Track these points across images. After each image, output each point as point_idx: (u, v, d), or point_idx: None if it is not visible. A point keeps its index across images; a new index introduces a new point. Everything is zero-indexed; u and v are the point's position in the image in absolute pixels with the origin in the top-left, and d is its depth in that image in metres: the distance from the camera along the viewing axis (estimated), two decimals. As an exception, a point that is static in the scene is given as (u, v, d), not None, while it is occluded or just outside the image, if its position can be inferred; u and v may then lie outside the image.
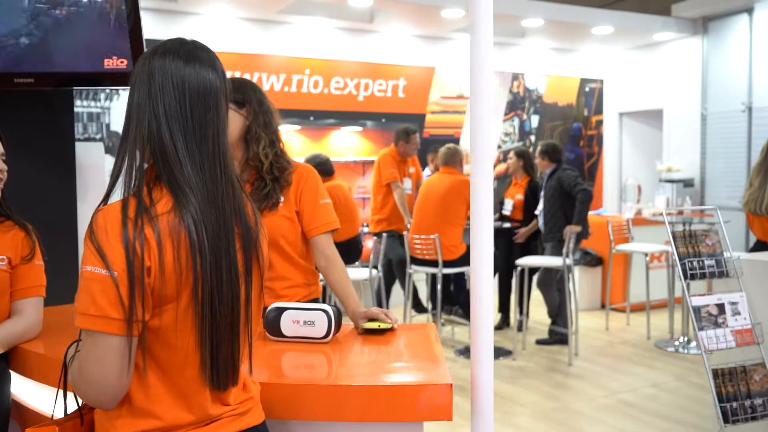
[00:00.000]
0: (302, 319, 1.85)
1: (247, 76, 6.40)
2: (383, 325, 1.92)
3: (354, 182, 6.94)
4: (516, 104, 8.00)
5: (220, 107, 1.34)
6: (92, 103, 5.86)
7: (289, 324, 1.85)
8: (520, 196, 5.94)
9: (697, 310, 3.02)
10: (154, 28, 6.03)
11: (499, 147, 7.85)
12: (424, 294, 6.02)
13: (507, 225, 5.71)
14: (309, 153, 5.34)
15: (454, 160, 5.11)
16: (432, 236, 4.83)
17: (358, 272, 4.79)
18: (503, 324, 5.91)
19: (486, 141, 1.63)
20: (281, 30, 6.60)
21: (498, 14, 6.37)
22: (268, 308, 1.86)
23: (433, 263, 4.89)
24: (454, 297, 5.71)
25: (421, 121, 7.32)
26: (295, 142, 6.77)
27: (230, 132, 1.66)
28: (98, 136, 5.89)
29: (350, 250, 5.13)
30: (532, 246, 5.96)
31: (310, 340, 1.83)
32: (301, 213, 2.26)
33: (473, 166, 1.65)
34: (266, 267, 1.37)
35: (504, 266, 5.77)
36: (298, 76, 6.71)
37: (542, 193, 5.55)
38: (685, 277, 3.10)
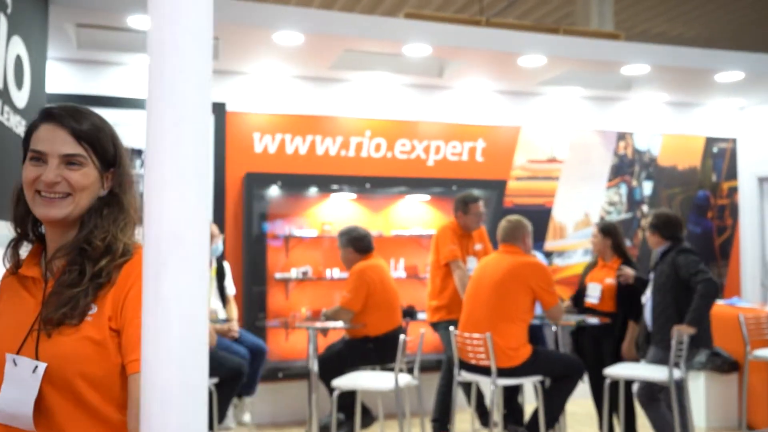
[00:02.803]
0: None
1: (299, 140, 5.71)
2: None
3: (421, 259, 5.93)
4: (623, 168, 6.72)
5: None
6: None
7: None
8: (610, 280, 4.66)
9: None
10: (194, 89, 5.50)
11: (601, 219, 6.56)
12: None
13: (594, 320, 4.42)
14: (346, 226, 4.45)
15: (516, 235, 4.01)
16: (483, 335, 3.71)
17: (384, 380, 3.74)
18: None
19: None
20: (337, 88, 5.89)
21: (594, 61, 5.28)
22: None
23: (487, 370, 3.75)
24: (519, 413, 4.49)
25: (502, 189, 6.24)
26: (352, 213, 5.91)
27: None
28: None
29: (387, 347, 4.12)
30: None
31: None
32: (122, 333, 1.35)
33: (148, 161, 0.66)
34: None
35: (595, 375, 4.46)
36: (357, 139, 5.93)
37: (651, 277, 4.26)
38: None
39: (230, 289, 4.71)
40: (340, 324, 4.00)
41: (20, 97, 3.45)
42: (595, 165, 6.63)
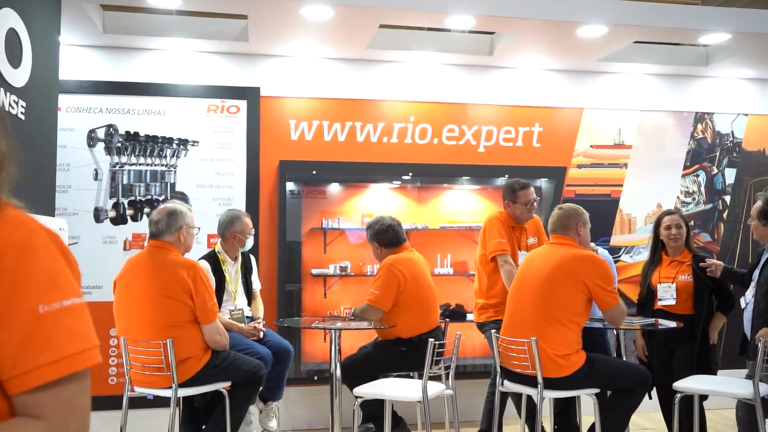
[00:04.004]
0: None
1: (338, 126, 5.33)
2: None
3: (470, 255, 5.41)
4: (702, 154, 6.00)
5: None
6: (156, 161, 5.12)
7: None
8: (685, 278, 4.04)
9: None
10: (226, 74, 5.21)
11: (676, 210, 5.86)
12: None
13: (669, 323, 3.81)
14: (375, 216, 4.00)
15: (568, 224, 3.47)
16: (528, 340, 3.20)
17: (412, 389, 3.28)
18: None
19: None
20: (378, 70, 5.46)
21: (665, 29, 4.57)
22: None
23: (533, 380, 3.23)
24: (572, 428, 3.93)
25: (562, 177, 5.66)
26: (394, 204, 5.48)
27: None
28: (161, 197, 5.11)
29: (421, 350, 3.65)
30: (711, 355, 4.00)
31: None
32: None
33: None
34: None
35: (666, 387, 3.84)
36: (400, 124, 5.48)
37: (756, 276, 3.61)
38: None
39: (256, 284, 4.37)
40: (364, 325, 3.57)
41: (15, 75, 3.19)
42: (668, 150, 5.94)
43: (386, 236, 3.84)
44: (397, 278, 3.67)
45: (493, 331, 3.46)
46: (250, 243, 4.14)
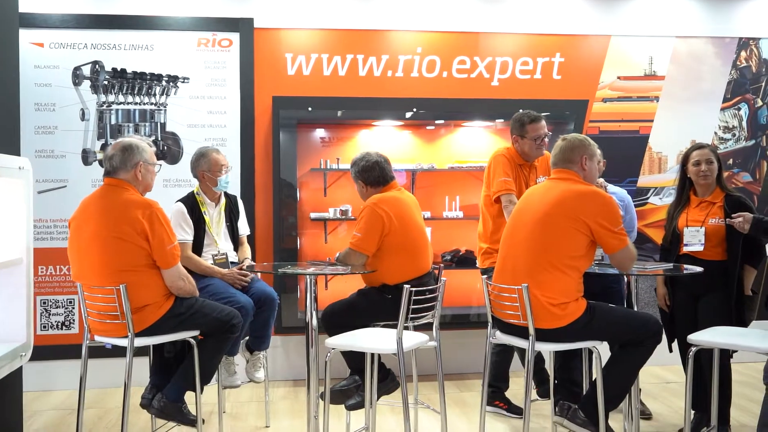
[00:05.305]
0: None
1: (338, 60, 4.94)
2: None
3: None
4: (745, 85, 5.40)
5: None
6: (145, 99, 4.84)
7: None
8: (716, 221, 3.58)
9: None
10: (217, 4, 4.85)
11: (706, 144, 5.31)
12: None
13: (695, 268, 3.38)
14: (361, 153, 3.62)
15: (571, 157, 3.05)
16: (518, 287, 2.83)
17: (389, 340, 2.96)
18: (696, 426, 3.61)
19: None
20: (381, -4, 5.01)
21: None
22: None
23: (525, 331, 2.88)
24: (577, 386, 3.59)
25: (583, 112, 5.16)
26: (400, 143, 5.10)
27: None
28: (151, 138, 4.85)
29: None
30: (746, 306, 3.57)
31: None
32: None
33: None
34: None
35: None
36: (406, 57, 5.05)
37: None
38: None
39: (243, 229, 4.09)
40: (339, 270, 3.25)
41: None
42: (706, 81, 5.36)
43: (372, 174, 3.48)
44: (381, 219, 3.32)
45: (484, 276, 3.11)
46: (224, 182, 3.82)
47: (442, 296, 3.22)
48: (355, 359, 3.34)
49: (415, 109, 4.92)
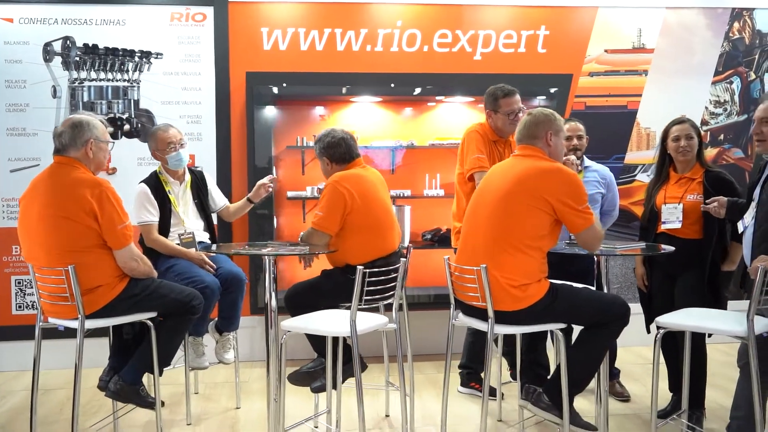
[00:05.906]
0: None
1: (315, 34, 4.82)
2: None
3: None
4: (737, 57, 5.23)
5: None
6: (117, 76, 4.74)
7: None
8: (695, 197, 3.46)
9: None
10: (187, -23, 4.72)
11: (705, 124, 5.16)
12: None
13: (669, 248, 3.26)
14: (326, 129, 3.51)
15: (536, 133, 2.93)
16: (477, 268, 2.74)
17: (343, 322, 2.88)
18: (672, 409, 3.53)
19: None
20: (359, -33, 4.87)
21: None
22: None
23: (485, 313, 2.79)
24: (543, 369, 3.51)
25: (567, 86, 5.02)
26: (378, 119, 4.98)
27: None
28: (125, 116, 4.76)
29: (372, 278, 3.24)
30: (719, 287, 3.46)
31: None
32: None
33: None
34: None
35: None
36: (385, 30, 4.92)
37: (756, 195, 3.01)
38: None
39: (220, 200, 4.00)
40: (297, 250, 3.16)
41: None
42: (697, 54, 5.19)
43: (338, 150, 3.37)
44: (343, 197, 3.22)
45: (446, 257, 3.01)
46: (175, 159, 3.71)
47: (405, 277, 3.13)
48: (318, 341, 3.27)
49: (393, 85, 4.79)
